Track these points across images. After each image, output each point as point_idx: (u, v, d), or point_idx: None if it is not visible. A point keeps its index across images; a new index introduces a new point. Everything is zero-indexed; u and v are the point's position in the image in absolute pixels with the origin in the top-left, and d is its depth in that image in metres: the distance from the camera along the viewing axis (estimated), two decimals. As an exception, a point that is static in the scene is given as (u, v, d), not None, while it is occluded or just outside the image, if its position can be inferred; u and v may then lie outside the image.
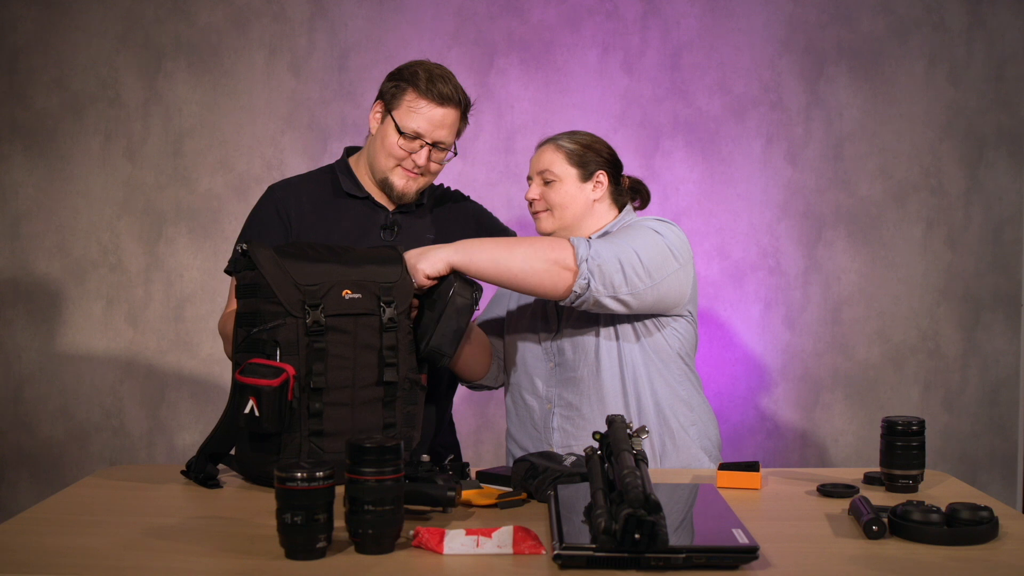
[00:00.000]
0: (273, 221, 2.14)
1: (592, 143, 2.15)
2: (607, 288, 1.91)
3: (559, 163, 2.12)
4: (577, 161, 2.12)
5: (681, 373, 2.09)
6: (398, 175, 2.12)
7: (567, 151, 2.12)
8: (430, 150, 2.10)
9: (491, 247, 1.93)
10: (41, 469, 3.20)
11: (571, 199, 2.11)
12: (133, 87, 3.19)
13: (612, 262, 1.91)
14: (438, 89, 2.08)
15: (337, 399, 1.74)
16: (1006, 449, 3.28)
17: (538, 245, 1.93)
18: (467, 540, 1.36)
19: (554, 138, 2.17)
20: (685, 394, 2.08)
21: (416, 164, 2.10)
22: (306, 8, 3.19)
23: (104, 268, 3.20)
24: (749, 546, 1.30)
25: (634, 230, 2.04)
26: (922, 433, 1.75)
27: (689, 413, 2.07)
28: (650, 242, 1.99)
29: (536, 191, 2.14)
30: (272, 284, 1.72)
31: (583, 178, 2.12)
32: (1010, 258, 3.26)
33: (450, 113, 2.10)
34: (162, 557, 1.35)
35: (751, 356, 3.22)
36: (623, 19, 3.21)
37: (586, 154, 2.12)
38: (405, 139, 2.08)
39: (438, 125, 2.09)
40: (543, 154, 2.15)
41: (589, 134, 2.18)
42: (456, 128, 2.14)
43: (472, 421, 3.17)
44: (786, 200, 3.22)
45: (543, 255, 1.90)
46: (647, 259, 1.95)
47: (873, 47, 3.22)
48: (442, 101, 2.08)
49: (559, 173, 2.11)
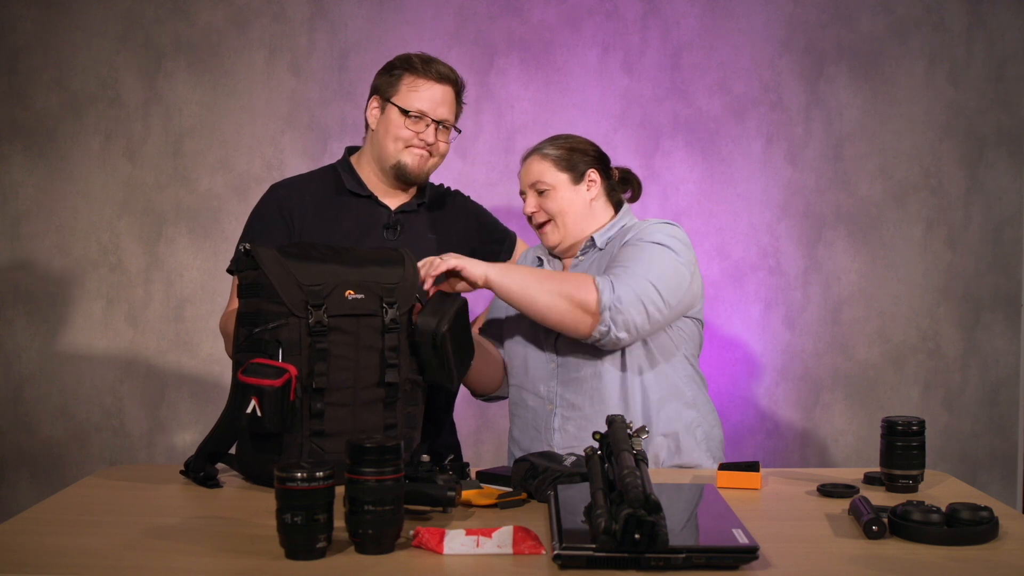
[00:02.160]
0: (275, 220, 2.15)
1: (575, 144, 2.15)
2: (629, 334, 1.95)
3: (548, 171, 2.12)
4: (565, 165, 2.11)
5: (686, 374, 2.08)
6: (409, 155, 2.15)
7: (554, 158, 2.12)
8: (436, 128, 2.14)
9: (524, 276, 1.96)
10: (41, 469, 3.20)
11: (569, 204, 2.11)
12: (133, 87, 3.19)
13: (635, 306, 1.93)
14: (435, 68, 2.15)
15: (338, 400, 1.74)
16: (1006, 449, 3.28)
17: (566, 284, 1.94)
18: (467, 540, 1.36)
19: (537, 148, 2.16)
20: (690, 394, 2.08)
21: (426, 142, 2.14)
22: (306, 8, 3.19)
23: (104, 268, 3.20)
24: (749, 546, 1.30)
25: (647, 252, 2.01)
26: (922, 433, 1.75)
27: (694, 414, 2.07)
28: (666, 267, 1.99)
29: (533, 204, 2.14)
30: (275, 284, 1.72)
31: (575, 180, 2.12)
32: (1010, 258, 3.26)
33: (448, 91, 2.16)
34: (162, 557, 1.35)
35: (751, 356, 3.22)
36: (623, 19, 3.21)
37: (572, 156, 2.12)
38: (410, 119, 2.12)
39: (439, 102, 2.14)
40: (530, 166, 2.15)
41: (569, 135, 2.18)
42: (455, 108, 2.19)
43: (472, 421, 3.17)
44: (786, 200, 3.22)
45: (568, 294, 1.93)
46: (666, 290, 1.97)
47: (873, 47, 3.22)
48: (440, 79, 2.14)
49: (551, 181, 2.11)
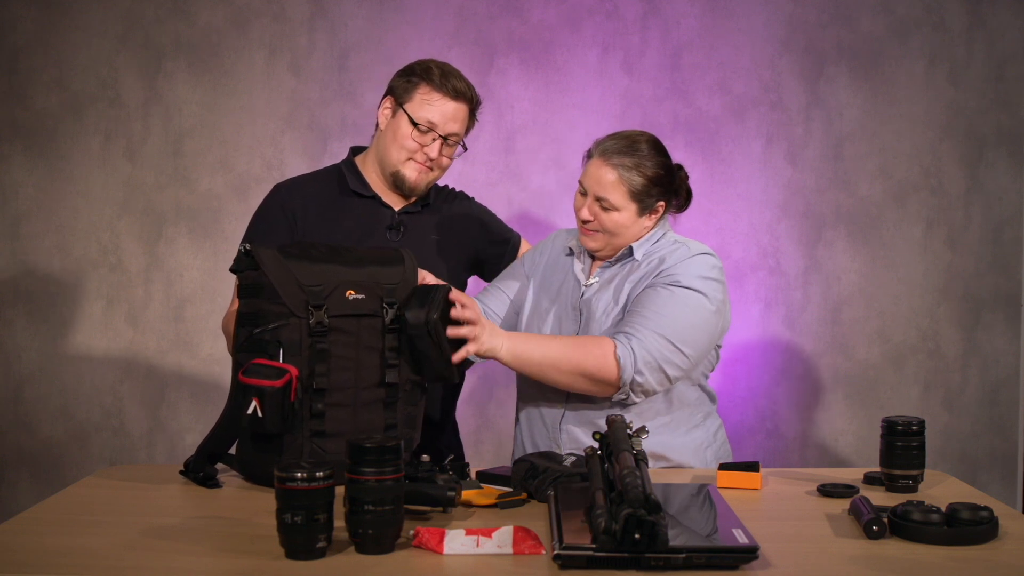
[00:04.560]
0: (278, 220, 2.15)
1: (656, 175, 2.00)
2: (648, 394, 1.95)
3: (620, 196, 1.99)
4: (638, 197, 2.00)
5: (695, 391, 2.07)
6: (410, 168, 2.13)
7: (629, 187, 1.98)
8: (442, 143, 2.12)
9: (540, 352, 1.92)
10: (41, 469, 3.20)
11: (626, 228, 2.02)
12: (133, 87, 3.19)
13: (655, 374, 1.91)
14: (452, 84, 2.11)
15: (339, 400, 1.75)
16: (1006, 449, 3.28)
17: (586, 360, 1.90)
18: (467, 540, 1.36)
19: (615, 160, 1.99)
20: (700, 415, 2.07)
21: (428, 157, 2.12)
22: (306, 8, 3.19)
23: (104, 268, 3.20)
24: (749, 546, 1.30)
25: (676, 301, 1.94)
26: (922, 433, 1.75)
27: (702, 434, 2.06)
28: (695, 319, 1.95)
29: (589, 212, 2.02)
30: (276, 284, 1.71)
31: (641, 212, 2.02)
32: (1010, 258, 3.26)
33: (462, 108, 2.13)
34: (162, 557, 1.35)
35: (751, 356, 3.22)
36: (623, 19, 3.21)
37: (648, 189, 2.00)
38: (418, 131, 2.10)
39: (451, 119, 2.11)
40: (603, 177, 1.99)
41: (651, 151, 2.02)
42: (467, 124, 2.17)
43: (472, 421, 3.17)
44: (786, 200, 3.22)
45: (588, 373, 1.90)
46: (690, 345, 1.94)
47: (873, 47, 3.22)
48: (456, 96, 2.11)
49: (618, 204, 1.99)
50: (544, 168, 3.21)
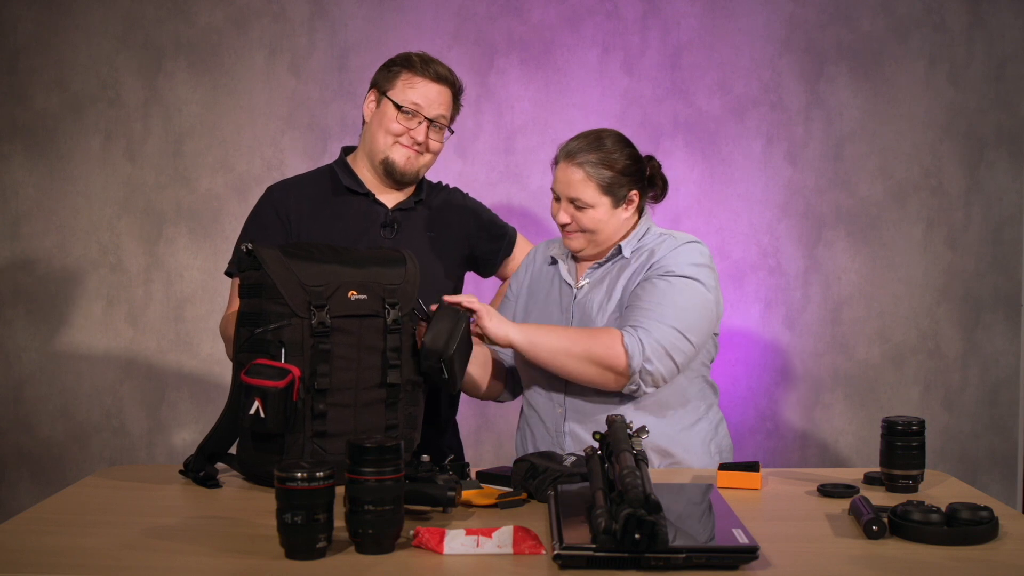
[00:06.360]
0: (272, 222, 2.15)
1: (624, 167, 2.04)
2: (657, 386, 1.97)
3: (590, 192, 2.02)
4: (608, 190, 2.03)
5: (698, 387, 2.08)
6: (398, 152, 2.14)
7: (598, 181, 2.02)
8: (428, 126, 2.13)
9: (551, 340, 1.95)
10: (41, 469, 3.20)
11: (605, 224, 2.05)
12: (133, 87, 3.19)
13: (663, 361, 1.93)
14: (433, 68, 2.15)
15: (340, 400, 1.75)
16: (1006, 449, 3.28)
17: (595, 348, 1.93)
18: (467, 540, 1.36)
19: (580, 159, 2.02)
20: (703, 407, 2.08)
21: (415, 140, 2.13)
22: (306, 8, 3.19)
23: (104, 268, 3.20)
24: (749, 546, 1.30)
25: (675, 290, 1.97)
26: (922, 433, 1.75)
27: (706, 427, 2.07)
28: (694, 305, 1.99)
29: (567, 216, 2.05)
30: (278, 284, 1.72)
31: (616, 204, 2.05)
32: (1010, 258, 3.26)
33: (445, 91, 2.16)
34: (162, 557, 1.35)
35: (751, 356, 3.22)
36: (623, 19, 3.21)
37: (618, 180, 2.03)
38: (403, 114, 2.12)
39: (434, 101, 2.14)
40: (571, 178, 2.03)
41: (615, 145, 2.06)
42: (451, 109, 2.19)
43: (472, 421, 3.17)
44: (786, 200, 3.22)
45: (597, 359, 1.92)
46: (693, 331, 1.97)
47: (873, 47, 3.22)
48: (437, 79, 2.15)
49: (590, 201, 2.02)
50: (544, 168, 3.20)
